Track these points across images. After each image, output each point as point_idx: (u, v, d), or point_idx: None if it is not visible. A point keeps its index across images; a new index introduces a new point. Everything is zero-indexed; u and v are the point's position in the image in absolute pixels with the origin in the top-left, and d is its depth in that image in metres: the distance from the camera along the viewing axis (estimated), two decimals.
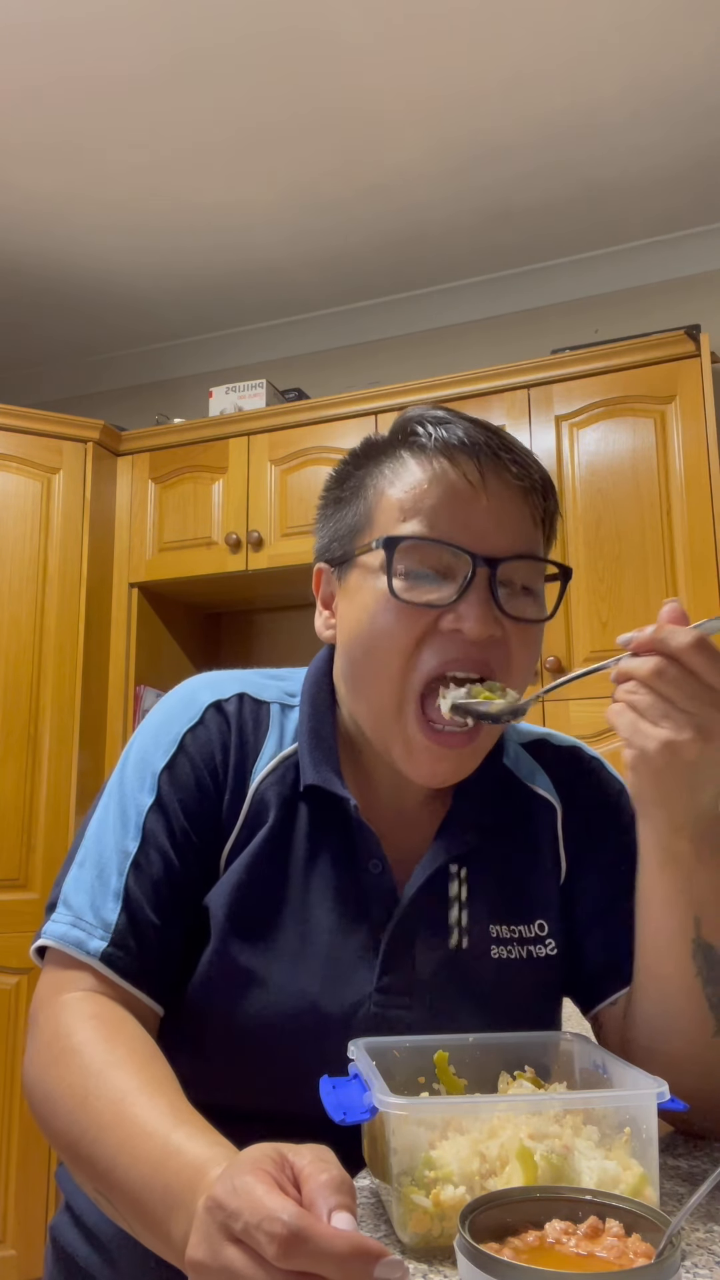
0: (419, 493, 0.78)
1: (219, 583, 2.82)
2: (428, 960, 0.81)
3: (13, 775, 2.54)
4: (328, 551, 0.86)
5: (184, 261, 2.95)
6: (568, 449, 2.41)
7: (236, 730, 0.84)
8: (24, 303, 3.17)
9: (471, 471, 0.78)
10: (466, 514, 0.77)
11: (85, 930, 0.75)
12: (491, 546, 0.77)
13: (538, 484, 0.81)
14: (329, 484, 0.88)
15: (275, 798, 0.82)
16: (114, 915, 0.75)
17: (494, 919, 0.83)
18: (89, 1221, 0.85)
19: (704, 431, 2.27)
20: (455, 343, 3.08)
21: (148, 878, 0.77)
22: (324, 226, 2.77)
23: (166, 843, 0.79)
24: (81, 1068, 0.66)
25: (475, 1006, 0.80)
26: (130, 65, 2.20)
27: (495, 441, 0.79)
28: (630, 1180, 0.60)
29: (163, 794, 0.80)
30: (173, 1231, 0.53)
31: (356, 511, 0.83)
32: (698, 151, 2.48)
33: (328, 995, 0.78)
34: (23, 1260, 2.38)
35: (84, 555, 2.72)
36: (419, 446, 0.80)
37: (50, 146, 2.47)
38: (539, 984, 0.84)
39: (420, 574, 0.77)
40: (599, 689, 2.29)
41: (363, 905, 0.81)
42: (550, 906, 0.86)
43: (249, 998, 0.78)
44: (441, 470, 0.78)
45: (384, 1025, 0.78)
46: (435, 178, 2.57)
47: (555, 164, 2.52)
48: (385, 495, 0.80)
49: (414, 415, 0.83)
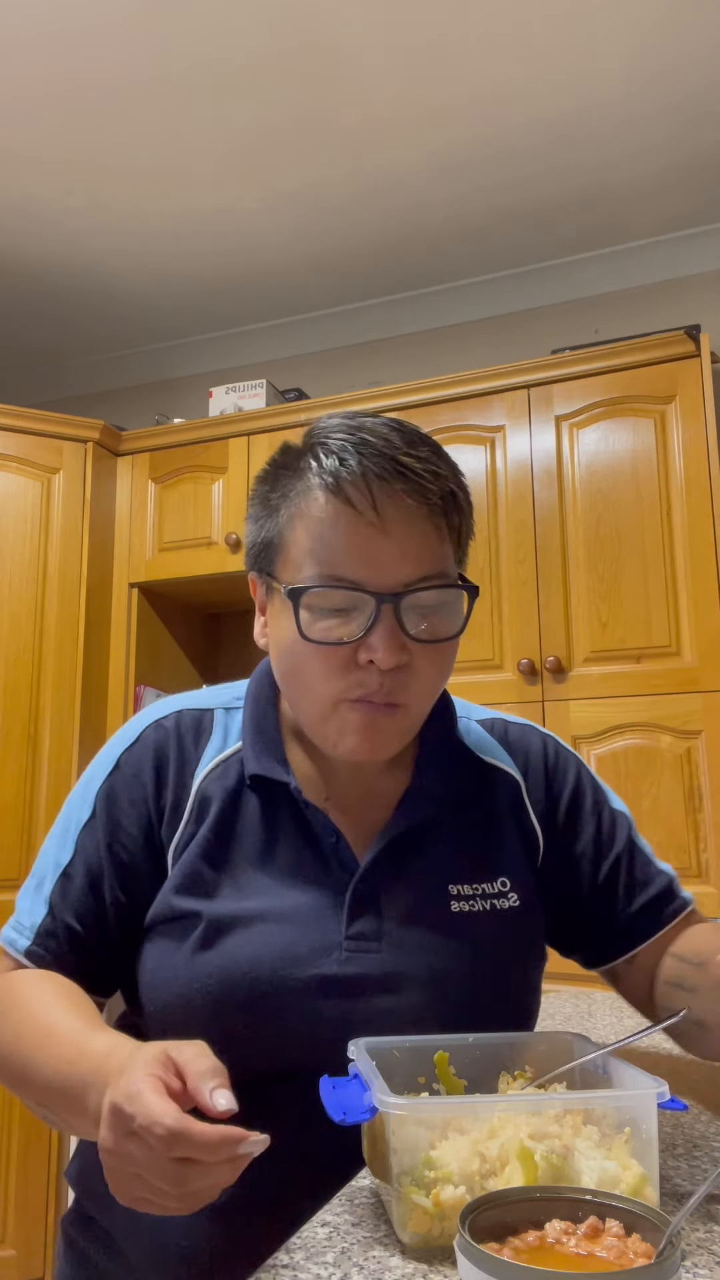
0: (320, 531, 0.80)
1: (219, 583, 2.82)
2: (393, 910, 0.84)
3: (13, 775, 2.55)
4: (254, 561, 0.89)
5: (184, 262, 2.95)
6: (568, 449, 2.41)
7: (175, 741, 0.90)
8: (24, 303, 3.17)
9: (366, 506, 0.78)
10: (366, 549, 0.79)
11: (18, 932, 0.85)
12: (394, 577, 0.79)
13: (438, 504, 0.80)
14: (255, 488, 0.90)
15: (219, 791, 0.87)
16: (39, 918, 0.85)
17: (453, 880, 0.87)
18: (99, 1219, 0.86)
19: (704, 431, 2.27)
20: (455, 343, 3.08)
21: (74, 887, 0.85)
22: (324, 227, 2.77)
23: (95, 854, 0.86)
24: (20, 1007, 0.78)
25: (444, 953, 0.83)
26: (131, 70, 2.20)
27: (389, 467, 0.79)
28: (630, 1180, 0.60)
29: (97, 810, 0.87)
30: (89, 1107, 0.65)
31: (271, 530, 0.85)
32: (698, 153, 2.48)
33: (301, 941, 0.81)
34: (23, 1260, 2.38)
35: (84, 555, 2.73)
36: (320, 475, 0.81)
37: (51, 148, 2.47)
38: (504, 934, 0.87)
39: (328, 611, 0.79)
40: (599, 689, 2.30)
41: (325, 872, 0.85)
42: (516, 867, 0.90)
43: (223, 948, 0.80)
44: (338, 508, 0.79)
45: (357, 964, 0.80)
46: (435, 179, 2.57)
47: (555, 165, 2.52)
48: (294, 525, 0.82)
49: (317, 438, 0.84)
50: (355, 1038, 0.72)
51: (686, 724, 2.17)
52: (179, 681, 2.94)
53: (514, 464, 2.44)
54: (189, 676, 3.04)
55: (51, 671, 2.63)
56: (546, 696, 2.31)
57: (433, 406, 2.54)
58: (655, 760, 2.18)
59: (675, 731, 2.18)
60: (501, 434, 2.48)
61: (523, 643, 2.35)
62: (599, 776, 1.00)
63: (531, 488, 2.42)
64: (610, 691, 2.26)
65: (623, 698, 2.24)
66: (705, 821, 2.12)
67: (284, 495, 0.84)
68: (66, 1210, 0.92)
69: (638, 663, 2.24)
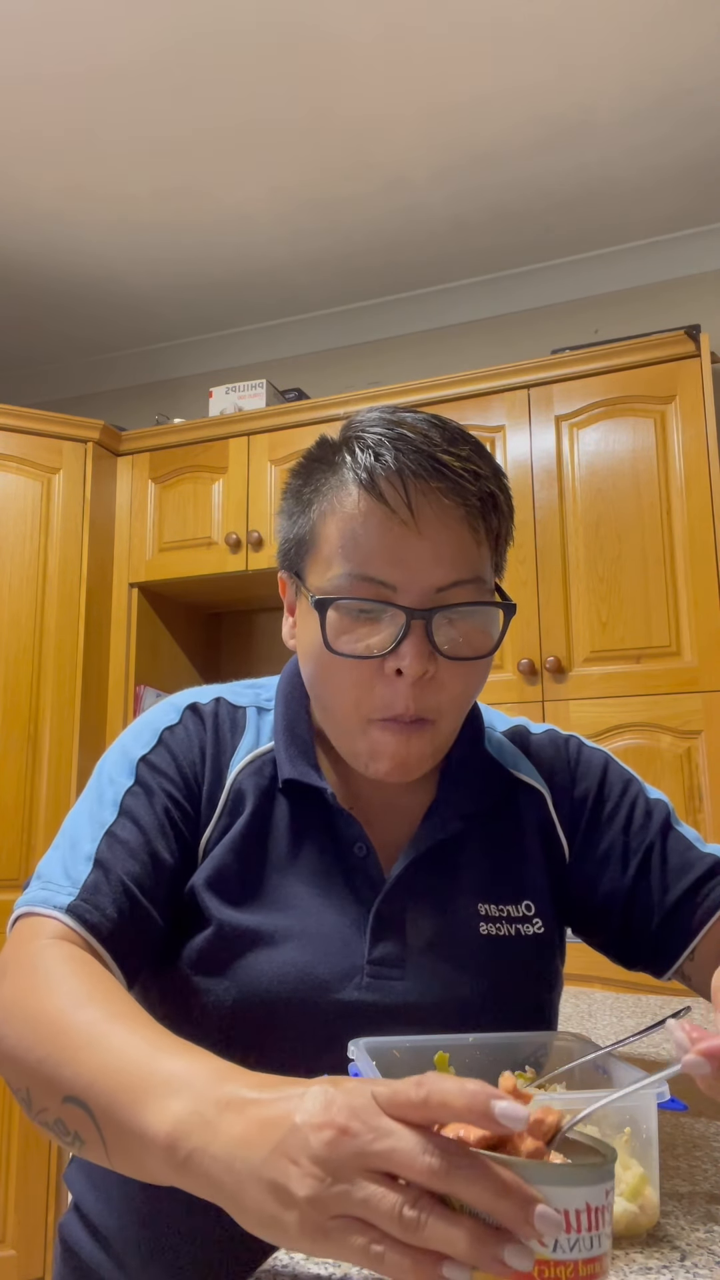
0: (352, 528, 0.77)
1: (219, 583, 2.82)
2: (418, 934, 0.82)
3: (13, 775, 2.54)
4: (285, 559, 0.86)
5: (184, 261, 2.95)
6: (568, 449, 2.41)
7: (213, 729, 0.87)
8: (24, 302, 3.17)
9: (400, 504, 0.75)
10: (398, 549, 0.76)
11: (53, 890, 0.74)
12: (427, 580, 0.76)
13: (475, 506, 0.78)
14: (288, 482, 0.87)
15: (253, 788, 0.84)
16: (83, 874, 0.75)
17: (481, 899, 0.84)
18: (97, 1222, 0.85)
19: (704, 431, 2.27)
20: (455, 343, 3.08)
21: (122, 845, 0.77)
22: (324, 226, 2.78)
23: (146, 818, 0.79)
24: (57, 998, 0.64)
25: (467, 980, 0.81)
26: (132, 64, 2.20)
27: (426, 465, 0.76)
28: (630, 1180, 0.60)
29: (142, 778, 0.82)
30: (150, 1116, 0.51)
31: (303, 526, 0.82)
32: (697, 152, 2.48)
33: (322, 964, 0.78)
34: (23, 1260, 2.38)
35: (84, 555, 2.73)
36: (354, 470, 0.78)
37: (50, 147, 2.47)
38: (529, 962, 0.85)
39: (356, 614, 0.77)
40: (599, 689, 2.30)
41: (350, 886, 0.82)
42: (539, 890, 0.87)
43: (243, 965, 0.78)
44: (371, 505, 0.76)
45: (378, 992, 0.79)
46: (435, 178, 2.57)
47: (555, 164, 2.52)
48: (326, 520, 0.79)
49: (354, 431, 0.81)
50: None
51: (686, 724, 2.17)
52: (179, 681, 2.94)
53: (514, 464, 2.44)
54: (189, 676, 3.04)
55: (51, 671, 2.63)
56: (546, 696, 2.31)
57: (433, 406, 2.54)
58: (655, 760, 2.18)
59: (675, 731, 2.18)
60: (501, 434, 2.48)
61: (523, 642, 2.35)
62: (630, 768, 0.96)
63: (531, 488, 2.42)
64: (610, 691, 2.26)
65: (623, 698, 2.24)
66: (705, 821, 2.12)
67: (317, 490, 0.81)
68: (64, 1212, 0.92)
69: (638, 663, 2.24)
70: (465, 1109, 0.42)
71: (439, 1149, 0.42)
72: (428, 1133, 0.43)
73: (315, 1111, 0.45)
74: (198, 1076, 0.51)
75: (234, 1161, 0.46)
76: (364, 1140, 0.43)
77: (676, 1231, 0.63)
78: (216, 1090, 0.50)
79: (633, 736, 2.22)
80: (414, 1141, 0.43)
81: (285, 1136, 0.45)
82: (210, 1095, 0.49)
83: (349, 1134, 0.43)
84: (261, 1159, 0.45)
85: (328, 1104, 0.45)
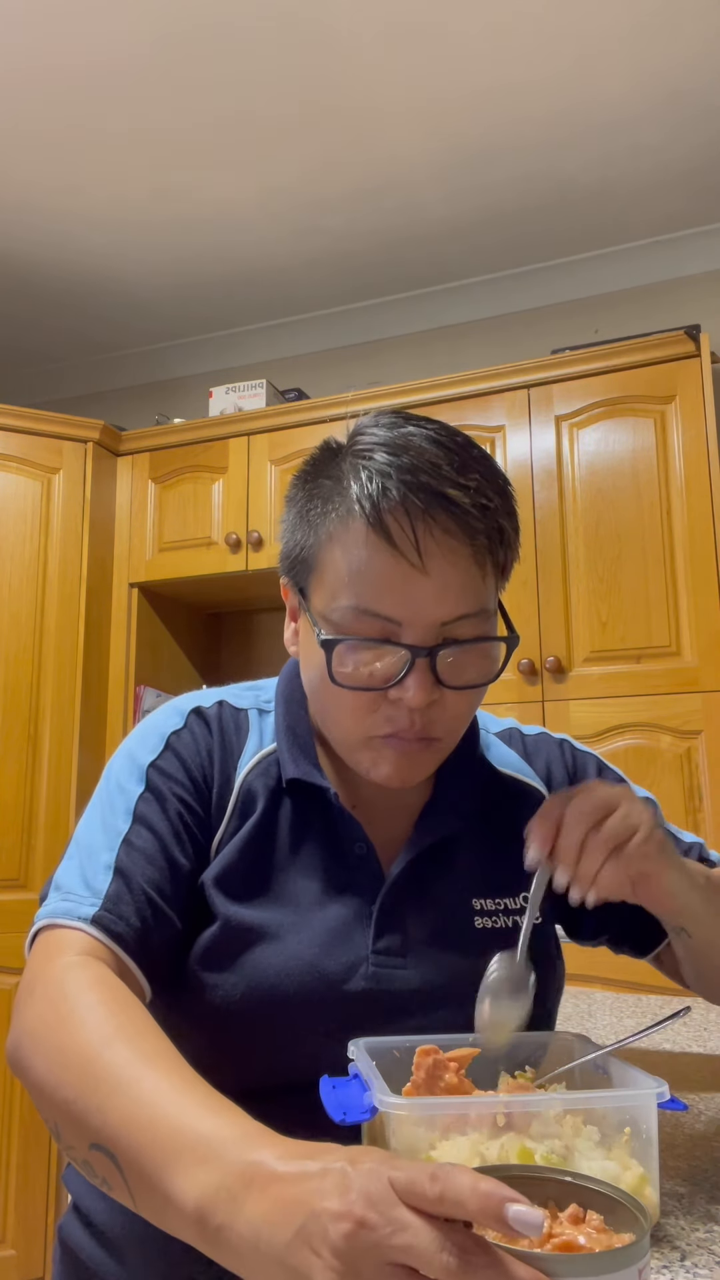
0: (358, 565, 0.76)
1: (219, 583, 2.82)
2: (419, 927, 0.83)
3: (13, 775, 2.54)
4: (288, 569, 0.86)
5: (184, 261, 2.95)
6: (568, 449, 2.41)
7: (218, 732, 0.88)
8: (24, 303, 3.17)
9: (407, 546, 0.74)
10: (404, 588, 0.75)
11: (74, 901, 0.74)
12: (432, 616, 0.76)
13: (483, 543, 0.77)
14: (293, 489, 0.86)
15: (262, 788, 0.85)
16: (105, 884, 0.75)
17: (476, 894, 0.86)
18: (97, 1222, 0.85)
19: (704, 431, 2.27)
20: (455, 343, 3.08)
21: (140, 852, 0.78)
22: (324, 226, 2.77)
23: (160, 824, 0.80)
24: (85, 1032, 0.63)
25: (469, 970, 0.81)
26: (130, 62, 2.20)
27: (434, 501, 0.74)
28: (630, 1180, 0.60)
29: (153, 784, 0.82)
30: (179, 1182, 0.51)
31: (309, 547, 0.81)
32: (698, 152, 2.48)
33: (326, 956, 0.79)
34: (23, 1260, 2.38)
35: (84, 555, 2.73)
36: (360, 502, 0.76)
37: (49, 146, 2.47)
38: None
39: (360, 643, 0.77)
40: (599, 689, 2.30)
41: (352, 883, 0.84)
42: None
43: (249, 959, 0.79)
44: (377, 542, 0.75)
45: (383, 981, 0.80)
46: (436, 177, 2.57)
47: (556, 164, 2.52)
48: (332, 548, 0.78)
49: (358, 447, 0.79)
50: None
51: (686, 724, 2.17)
52: (179, 681, 2.94)
53: (514, 464, 2.44)
54: (189, 677, 3.04)
55: (51, 671, 2.63)
56: (546, 696, 2.31)
57: (433, 406, 2.54)
58: (655, 760, 2.18)
59: (675, 731, 2.18)
60: (501, 434, 2.48)
61: (523, 643, 2.35)
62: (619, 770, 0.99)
63: (531, 488, 2.42)
64: (610, 691, 2.26)
65: (623, 698, 2.24)
66: (705, 821, 2.12)
67: (323, 513, 0.79)
68: (64, 1213, 0.92)
69: (638, 663, 2.24)
70: (478, 1212, 0.42)
71: (457, 1247, 0.42)
72: (446, 1227, 0.43)
73: (333, 1197, 0.45)
74: (225, 1142, 0.51)
75: (259, 1243, 0.47)
76: (382, 1234, 0.43)
77: (676, 1231, 0.63)
78: (242, 1159, 0.50)
79: (633, 736, 2.22)
80: (431, 1239, 0.42)
81: (306, 1222, 0.45)
82: (236, 1167, 0.50)
83: (367, 1226, 0.43)
84: (285, 1244, 0.46)
85: (344, 1190, 0.45)
